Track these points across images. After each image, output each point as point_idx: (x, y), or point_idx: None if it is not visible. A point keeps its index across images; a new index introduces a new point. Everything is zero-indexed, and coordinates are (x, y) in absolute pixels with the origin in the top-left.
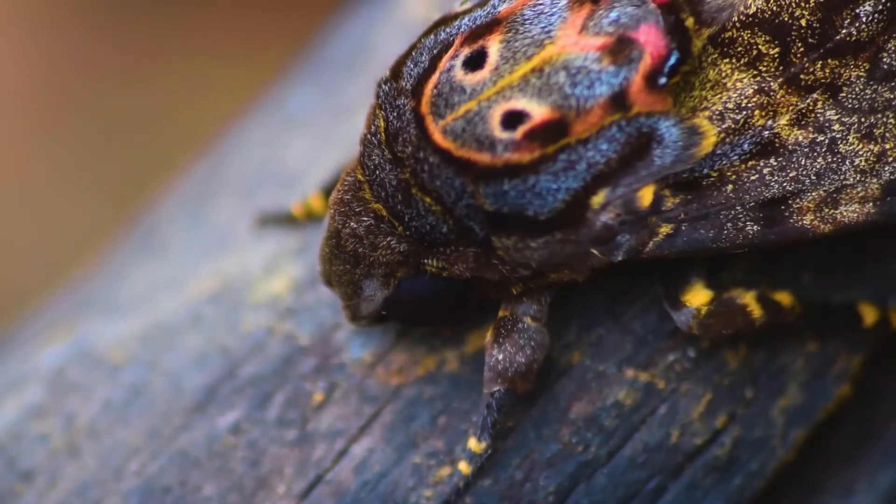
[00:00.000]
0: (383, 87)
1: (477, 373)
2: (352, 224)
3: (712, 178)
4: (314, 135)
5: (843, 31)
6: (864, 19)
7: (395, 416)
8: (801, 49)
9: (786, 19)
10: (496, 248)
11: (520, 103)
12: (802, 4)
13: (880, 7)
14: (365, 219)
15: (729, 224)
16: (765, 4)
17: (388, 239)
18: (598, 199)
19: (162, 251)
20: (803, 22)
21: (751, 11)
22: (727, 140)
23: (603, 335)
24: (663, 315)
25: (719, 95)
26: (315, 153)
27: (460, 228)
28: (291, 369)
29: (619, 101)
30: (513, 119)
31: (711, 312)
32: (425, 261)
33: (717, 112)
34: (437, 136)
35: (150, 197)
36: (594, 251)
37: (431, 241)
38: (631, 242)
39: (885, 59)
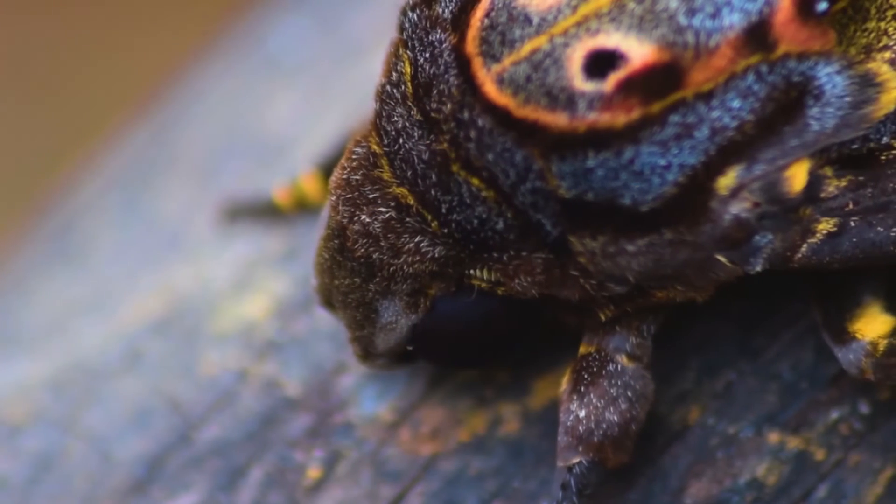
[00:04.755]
0: (410, 15)
1: (547, 437)
2: (363, 217)
3: (895, 152)
4: (307, 85)
5: None
6: None
7: (426, 501)
8: None
9: None
10: (576, 254)
11: (611, 39)
12: None
13: None
14: (382, 209)
15: None
16: None
17: (417, 239)
18: (726, 181)
19: (81, 257)
20: None
21: None
22: None
23: (734, 382)
24: (822, 352)
25: None
26: (308, 112)
27: (523, 224)
28: (274, 432)
29: (757, 35)
30: (601, 63)
31: (894, 348)
32: (471, 272)
33: None
34: (490, 88)
35: (63, 178)
36: (720, 257)
37: (480, 244)
38: (775, 245)
39: None
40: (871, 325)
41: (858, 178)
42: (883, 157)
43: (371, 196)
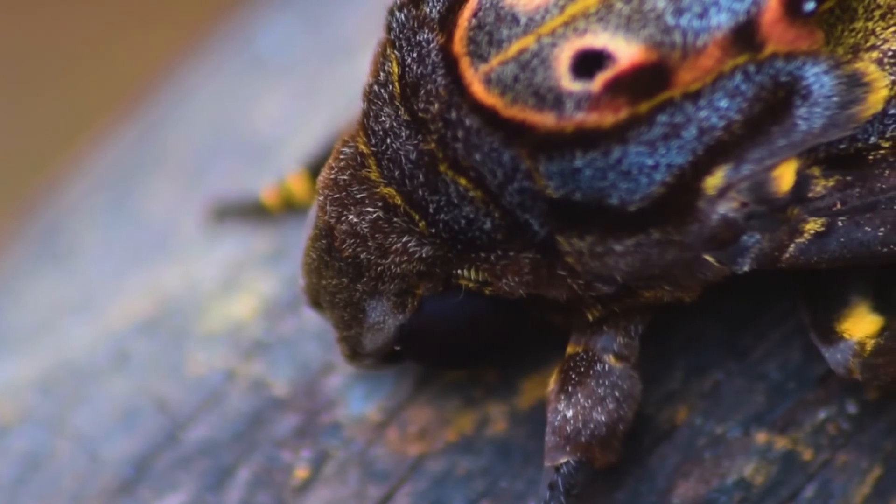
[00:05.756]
0: (398, 14)
1: (535, 437)
2: (351, 217)
3: (883, 152)
4: (294, 85)
5: None
6: None
7: (414, 501)
8: None
9: None
10: (564, 254)
11: (599, 39)
12: None
13: None
14: (370, 210)
15: None
16: None
17: (405, 239)
18: (713, 181)
19: (69, 258)
20: None
21: None
22: None
23: (721, 382)
24: (809, 352)
25: (894, 27)
26: (295, 112)
27: (511, 224)
28: (261, 432)
29: (745, 35)
30: (589, 62)
31: (881, 348)
32: (459, 272)
33: (890, 52)
34: (478, 88)
35: (50, 179)
36: (708, 257)
37: (468, 244)
38: (762, 245)
39: None
40: (859, 325)
41: (846, 177)
42: (870, 157)
43: (359, 196)
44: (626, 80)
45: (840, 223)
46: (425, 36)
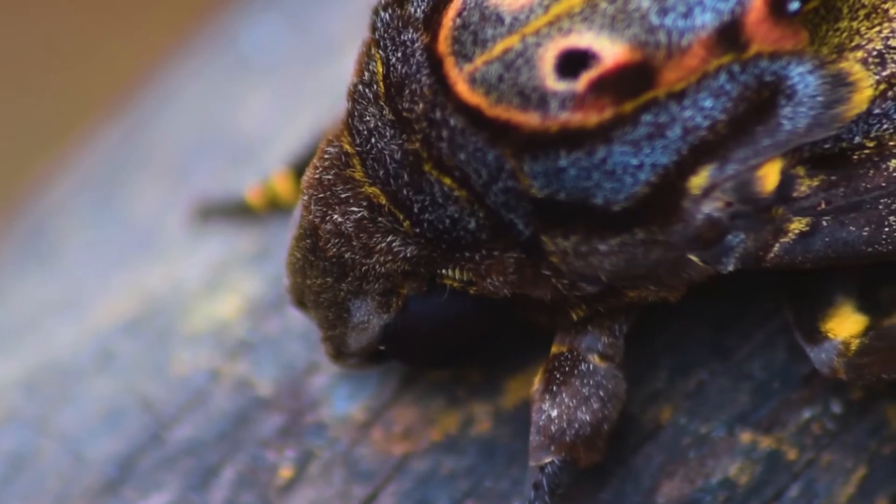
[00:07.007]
0: (382, 14)
1: (519, 436)
2: (335, 217)
3: (867, 151)
4: (279, 85)
5: None
6: None
7: (398, 501)
8: None
9: None
10: (548, 254)
11: (584, 39)
12: None
13: None
14: (355, 209)
15: (892, 218)
16: None
17: (389, 239)
18: (698, 180)
19: (54, 257)
20: None
21: None
22: (889, 94)
23: (706, 381)
24: (794, 351)
25: (879, 27)
26: (280, 111)
27: (495, 224)
28: (246, 431)
29: (729, 35)
30: (573, 62)
31: (866, 348)
32: (443, 271)
33: (874, 52)
34: (462, 88)
35: (35, 179)
36: (693, 257)
37: (452, 243)
38: (747, 245)
39: None
40: (844, 325)
41: (830, 177)
42: (855, 157)
43: (343, 195)
44: (611, 80)
45: (824, 223)
46: (410, 36)
